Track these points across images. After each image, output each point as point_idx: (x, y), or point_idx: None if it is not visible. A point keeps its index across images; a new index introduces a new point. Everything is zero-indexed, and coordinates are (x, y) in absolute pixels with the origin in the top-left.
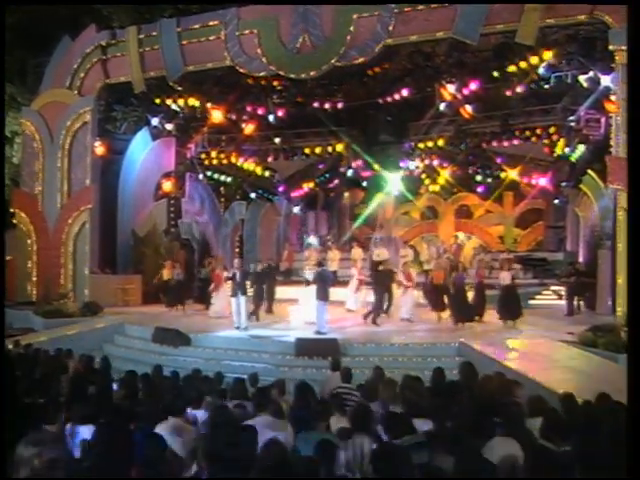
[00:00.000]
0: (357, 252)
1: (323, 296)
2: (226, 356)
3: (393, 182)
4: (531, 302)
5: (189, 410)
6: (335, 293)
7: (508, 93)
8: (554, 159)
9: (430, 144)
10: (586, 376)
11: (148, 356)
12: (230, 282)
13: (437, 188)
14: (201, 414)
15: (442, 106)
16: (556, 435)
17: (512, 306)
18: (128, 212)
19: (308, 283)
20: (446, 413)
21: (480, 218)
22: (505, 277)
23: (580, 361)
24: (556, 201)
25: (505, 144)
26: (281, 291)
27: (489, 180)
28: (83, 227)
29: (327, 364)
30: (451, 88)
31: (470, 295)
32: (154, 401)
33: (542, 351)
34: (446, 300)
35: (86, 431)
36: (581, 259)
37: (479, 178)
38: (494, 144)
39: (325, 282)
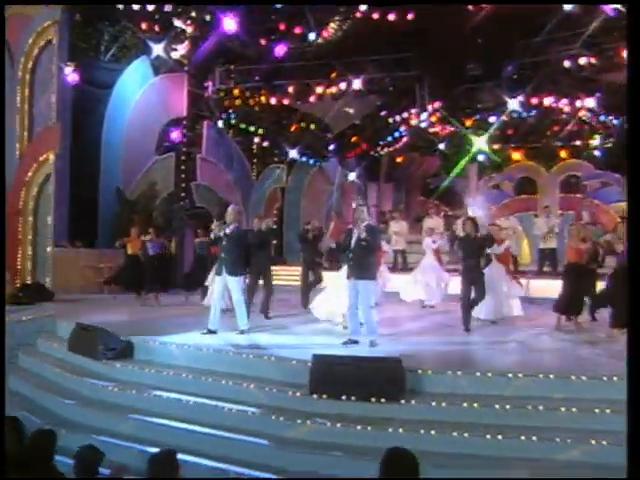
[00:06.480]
0: (435, 221)
1: (374, 273)
2: (183, 383)
3: (480, 143)
4: None
5: None
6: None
7: None
8: None
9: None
10: None
11: (63, 377)
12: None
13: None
14: None
15: None
16: None
17: None
18: (115, 166)
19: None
20: None
21: (595, 193)
22: None
23: None
24: None
25: None
26: None
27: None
28: (46, 182)
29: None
30: None
31: None
32: None
33: None
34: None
35: None
36: None
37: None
38: None
39: (373, 247)
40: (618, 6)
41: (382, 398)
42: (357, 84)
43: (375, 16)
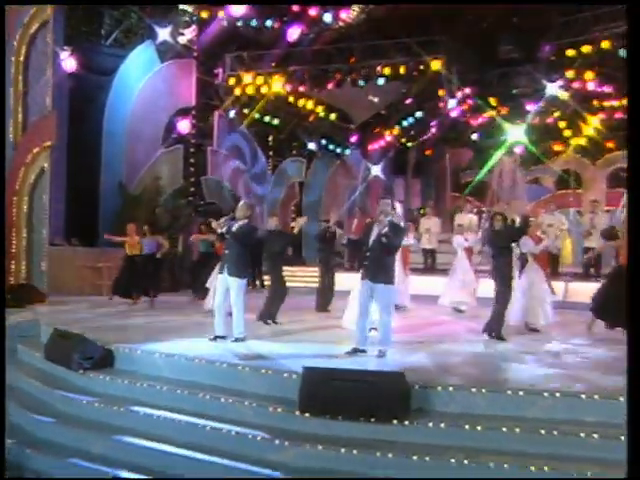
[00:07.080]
0: (468, 218)
1: (392, 276)
2: (162, 397)
3: (515, 134)
4: None
5: None
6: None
7: None
8: None
9: (586, 49)
10: None
11: (37, 388)
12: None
13: (582, 142)
14: None
15: None
16: None
17: None
18: (117, 159)
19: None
20: None
21: None
22: None
23: None
24: None
25: None
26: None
27: None
28: (42, 175)
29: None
30: None
31: None
32: None
33: None
34: None
35: None
36: None
37: None
38: None
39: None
40: None
41: (383, 418)
42: (379, 69)
43: None
